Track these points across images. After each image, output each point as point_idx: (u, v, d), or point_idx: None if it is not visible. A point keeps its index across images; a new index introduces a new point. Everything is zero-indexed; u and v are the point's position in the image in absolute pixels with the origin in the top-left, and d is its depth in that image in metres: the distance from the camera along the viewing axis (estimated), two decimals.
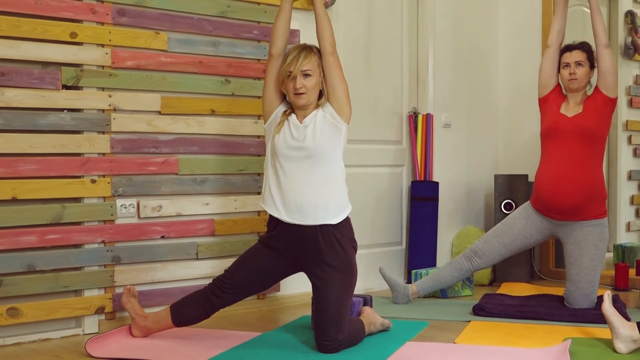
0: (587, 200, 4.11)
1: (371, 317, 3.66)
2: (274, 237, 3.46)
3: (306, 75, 3.42)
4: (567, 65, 4.21)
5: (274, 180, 3.45)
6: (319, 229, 3.36)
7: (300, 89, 3.40)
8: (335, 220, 3.39)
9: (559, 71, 4.28)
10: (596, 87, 4.18)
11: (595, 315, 3.87)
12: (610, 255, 5.13)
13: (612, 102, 4.14)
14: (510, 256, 4.45)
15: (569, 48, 4.25)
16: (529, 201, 4.34)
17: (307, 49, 3.47)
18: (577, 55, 4.20)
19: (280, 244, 3.45)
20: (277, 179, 3.43)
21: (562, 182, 4.13)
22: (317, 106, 3.48)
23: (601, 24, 4.11)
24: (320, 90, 3.48)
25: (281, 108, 3.53)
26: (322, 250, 3.36)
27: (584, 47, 4.24)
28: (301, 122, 3.44)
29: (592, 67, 4.22)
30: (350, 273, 3.38)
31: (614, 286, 4.94)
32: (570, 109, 4.21)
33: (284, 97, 3.55)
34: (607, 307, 3.34)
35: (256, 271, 3.49)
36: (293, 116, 3.48)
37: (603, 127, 4.16)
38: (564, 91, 4.30)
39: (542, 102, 4.32)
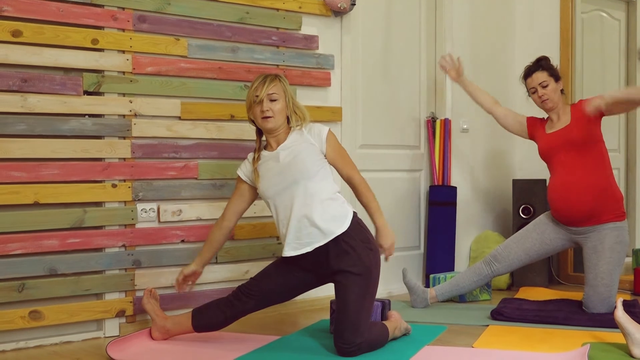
0: (598, 204, 4.11)
1: (397, 321, 3.67)
2: (296, 258, 3.49)
3: (272, 99, 3.47)
4: (534, 90, 4.26)
5: (276, 218, 3.51)
6: (329, 243, 3.40)
7: (267, 112, 3.45)
8: (340, 229, 3.41)
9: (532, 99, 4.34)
10: (582, 101, 4.19)
11: (613, 320, 3.85)
12: (629, 259, 5.11)
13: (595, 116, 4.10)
14: (530, 263, 4.45)
15: (527, 73, 4.29)
16: (549, 210, 4.34)
17: (272, 75, 3.53)
18: (539, 77, 4.23)
19: (302, 263, 3.49)
20: (277, 217, 3.49)
21: (569, 191, 4.13)
22: (290, 129, 3.53)
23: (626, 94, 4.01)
24: (288, 116, 3.52)
25: (250, 173, 3.58)
26: (334, 261, 3.39)
27: (541, 65, 4.25)
28: (275, 149, 3.50)
29: (556, 80, 4.24)
30: (367, 277, 3.39)
31: (634, 291, 4.92)
32: (555, 124, 4.26)
33: (254, 191, 3.61)
34: (620, 315, 3.33)
35: (281, 282, 3.54)
36: (263, 153, 3.53)
37: (593, 131, 4.14)
38: (540, 115, 4.34)
39: (530, 137, 4.43)
